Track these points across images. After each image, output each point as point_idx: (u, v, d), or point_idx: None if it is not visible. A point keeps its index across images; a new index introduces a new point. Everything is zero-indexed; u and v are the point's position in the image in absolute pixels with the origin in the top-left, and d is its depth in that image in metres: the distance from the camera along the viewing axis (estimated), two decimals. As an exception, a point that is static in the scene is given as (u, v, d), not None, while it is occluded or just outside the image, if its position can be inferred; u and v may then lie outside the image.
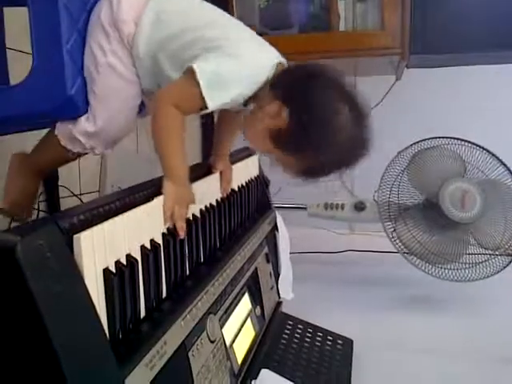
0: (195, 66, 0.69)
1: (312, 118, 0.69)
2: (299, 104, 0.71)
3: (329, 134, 0.70)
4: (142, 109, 0.86)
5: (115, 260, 0.50)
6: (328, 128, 0.70)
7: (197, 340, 0.61)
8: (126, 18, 0.76)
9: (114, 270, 0.49)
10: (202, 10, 0.82)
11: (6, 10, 0.94)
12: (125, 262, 0.52)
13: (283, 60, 0.77)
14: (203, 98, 0.69)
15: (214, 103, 0.70)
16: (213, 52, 0.72)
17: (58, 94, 0.74)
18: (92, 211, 0.49)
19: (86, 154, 0.84)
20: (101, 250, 0.48)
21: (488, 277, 1.29)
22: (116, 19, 0.76)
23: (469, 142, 1.37)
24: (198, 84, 0.68)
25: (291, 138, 0.71)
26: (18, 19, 0.87)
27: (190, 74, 0.70)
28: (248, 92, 0.74)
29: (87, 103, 0.78)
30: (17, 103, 0.75)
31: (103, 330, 0.45)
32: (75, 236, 0.45)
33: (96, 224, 0.48)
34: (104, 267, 0.48)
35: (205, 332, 0.64)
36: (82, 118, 0.78)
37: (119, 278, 0.49)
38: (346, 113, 0.70)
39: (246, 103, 0.77)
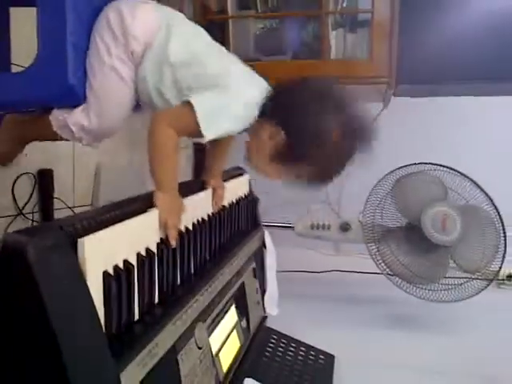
0: (193, 100, 0.75)
1: (304, 129, 0.76)
2: (290, 120, 0.78)
3: (322, 135, 0.76)
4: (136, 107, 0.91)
5: (113, 264, 0.54)
6: (319, 131, 0.76)
7: (186, 345, 0.65)
8: (139, 36, 0.82)
9: (112, 273, 0.53)
10: (204, 45, 0.88)
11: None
12: (122, 267, 0.55)
13: (269, 89, 0.83)
14: (199, 129, 0.75)
15: (209, 135, 0.76)
16: (211, 89, 0.78)
17: (59, 82, 0.78)
18: (94, 218, 0.53)
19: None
20: (101, 254, 0.52)
21: (466, 299, 1.34)
22: (128, 31, 0.81)
23: (450, 168, 1.43)
24: (194, 115, 0.74)
25: (292, 151, 0.78)
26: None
27: (188, 105, 0.75)
28: (241, 127, 0.80)
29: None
30: (20, 89, 0.79)
31: (102, 328, 0.49)
32: (79, 240, 0.49)
33: (98, 230, 0.52)
34: (103, 270, 0.52)
35: (193, 338, 0.68)
36: (78, 109, 0.83)
37: (117, 281, 0.53)
38: (331, 116, 0.76)
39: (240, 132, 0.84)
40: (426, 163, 1.45)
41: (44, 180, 1.34)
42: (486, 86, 1.91)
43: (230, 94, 0.78)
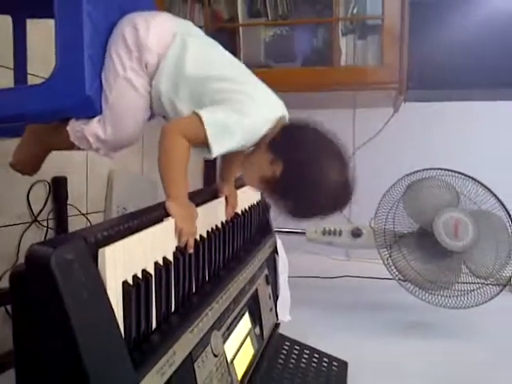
0: (203, 114, 0.75)
1: (301, 177, 0.78)
2: (292, 163, 0.78)
3: (315, 192, 0.78)
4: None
5: (132, 274, 0.55)
6: (315, 187, 0.78)
7: (202, 353, 0.65)
8: (152, 47, 0.82)
9: (131, 283, 0.54)
10: (220, 57, 0.88)
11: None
12: (141, 276, 0.56)
13: (285, 114, 0.84)
14: (207, 141, 0.75)
15: (216, 150, 0.76)
16: (224, 104, 0.78)
17: (76, 94, 0.80)
18: (114, 228, 0.54)
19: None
20: (121, 263, 0.53)
21: (479, 305, 1.33)
22: (141, 43, 0.82)
23: (462, 173, 1.43)
24: (204, 128, 0.75)
25: (280, 187, 0.79)
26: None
27: (199, 117, 0.76)
28: (250, 143, 0.80)
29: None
30: (39, 100, 0.81)
31: (122, 337, 0.50)
32: (100, 250, 0.49)
33: (117, 240, 0.53)
34: (123, 280, 0.53)
35: (209, 346, 0.68)
36: (95, 120, 0.84)
37: (136, 291, 0.54)
38: (333, 174, 0.78)
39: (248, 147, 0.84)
40: (437, 168, 1.45)
41: (58, 187, 1.36)
42: (496, 91, 1.91)
43: (241, 110, 0.78)
